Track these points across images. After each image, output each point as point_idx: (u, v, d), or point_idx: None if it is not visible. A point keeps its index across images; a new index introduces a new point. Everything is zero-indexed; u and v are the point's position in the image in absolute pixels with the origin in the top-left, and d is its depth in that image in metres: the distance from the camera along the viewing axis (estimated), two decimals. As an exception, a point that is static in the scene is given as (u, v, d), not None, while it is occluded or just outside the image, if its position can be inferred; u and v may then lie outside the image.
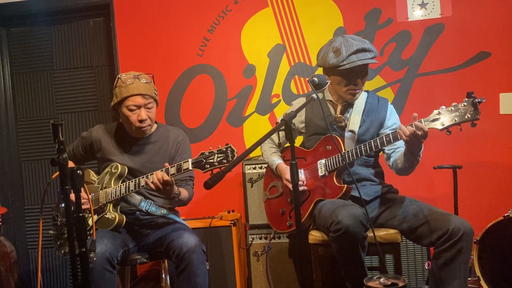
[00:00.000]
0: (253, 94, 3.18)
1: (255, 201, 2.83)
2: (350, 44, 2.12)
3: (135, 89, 2.16)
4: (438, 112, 1.85)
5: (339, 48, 2.13)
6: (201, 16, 3.21)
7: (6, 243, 2.84)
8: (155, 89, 2.27)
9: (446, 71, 2.96)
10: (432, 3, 2.97)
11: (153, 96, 2.23)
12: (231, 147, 1.89)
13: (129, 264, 2.28)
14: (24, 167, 3.53)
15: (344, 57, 2.11)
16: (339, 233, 1.92)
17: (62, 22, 3.46)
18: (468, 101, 1.78)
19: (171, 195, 2.08)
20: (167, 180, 1.97)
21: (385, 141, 2.01)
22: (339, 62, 2.12)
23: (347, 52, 2.11)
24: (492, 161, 2.91)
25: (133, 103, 2.17)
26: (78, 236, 1.45)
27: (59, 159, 1.42)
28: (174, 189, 2.08)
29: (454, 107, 1.82)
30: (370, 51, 2.13)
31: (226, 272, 2.77)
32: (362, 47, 2.12)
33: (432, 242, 1.96)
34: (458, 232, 1.87)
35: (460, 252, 1.88)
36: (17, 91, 3.53)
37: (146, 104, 2.20)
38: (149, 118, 2.23)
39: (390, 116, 2.27)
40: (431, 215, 1.99)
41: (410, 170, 2.12)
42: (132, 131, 2.28)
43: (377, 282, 1.69)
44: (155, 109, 2.27)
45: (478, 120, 1.77)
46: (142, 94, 2.17)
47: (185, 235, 2.09)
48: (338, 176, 2.19)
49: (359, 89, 2.21)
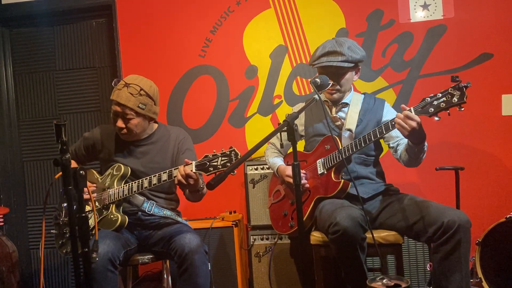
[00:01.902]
0: (255, 95, 3.18)
1: (257, 202, 2.83)
2: (326, 45, 2.22)
3: (116, 96, 2.14)
4: (427, 99, 1.87)
5: (318, 48, 2.24)
6: (203, 17, 3.22)
7: (8, 243, 2.84)
8: (143, 103, 2.14)
9: (448, 73, 2.96)
10: (434, 4, 2.98)
11: (133, 109, 2.12)
12: (235, 150, 1.89)
13: (131, 265, 2.28)
14: (26, 167, 3.53)
15: (315, 57, 2.24)
16: (337, 235, 1.92)
17: (65, 22, 3.47)
18: (454, 86, 1.80)
19: (197, 187, 2.08)
20: (189, 174, 1.97)
21: (378, 132, 2.02)
22: (312, 61, 2.27)
23: (320, 53, 2.22)
24: (494, 163, 2.91)
25: (113, 109, 2.17)
26: (80, 236, 1.46)
27: (62, 159, 1.42)
28: (200, 181, 2.09)
29: (442, 93, 1.84)
30: (342, 54, 2.17)
31: (227, 273, 2.77)
32: (334, 49, 2.18)
33: (430, 237, 1.93)
34: (454, 224, 1.85)
35: (459, 244, 1.85)
36: (20, 91, 3.54)
37: (124, 114, 2.14)
38: (127, 128, 2.17)
39: (386, 114, 2.28)
40: (426, 210, 1.98)
41: (417, 161, 2.10)
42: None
43: (380, 283, 1.69)
44: (137, 121, 2.17)
45: (465, 103, 1.78)
46: (120, 104, 2.13)
47: (187, 235, 2.09)
48: (336, 172, 2.20)
49: (335, 90, 2.25)
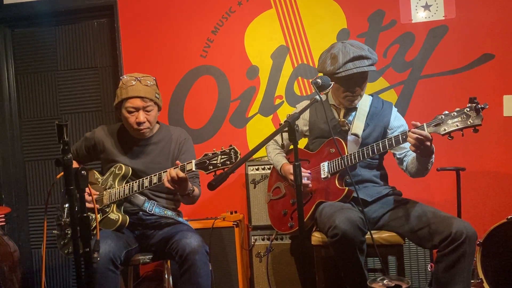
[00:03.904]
0: (256, 95, 3.18)
1: (258, 202, 2.83)
2: (348, 51, 2.11)
3: (134, 91, 2.16)
4: (441, 117, 1.84)
5: (336, 55, 2.13)
6: (205, 18, 3.22)
7: (10, 243, 2.84)
8: (157, 93, 2.24)
9: (450, 73, 2.96)
10: (435, 5, 2.97)
11: (153, 99, 2.20)
12: (234, 148, 1.89)
13: (132, 265, 2.29)
14: (28, 167, 3.54)
15: (340, 65, 2.10)
16: (336, 238, 1.92)
17: (66, 23, 3.48)
18: (471, 106, 1.77)
19: (186, 191, 2.08)
20: (182, 177, 1.97)
21: (387, 144, 2.01)
22: (335, 69, 2.12)
23: (343, 60, 2.10)
24: (495, 163, 2.91)
25: (131, 105, 2.18)
26: (82, 236, 1.46)
27: (64, 160, 1.43)
28: (189, 185, 2.09)
29: (457, 112, 1.81)
30: (367, 58, 2.11)
31: (228, 273, 2.78)
32: (359, 54, 2.10)
33: (435, 245, 1.94)
34: (461, 236, 1.84)
35: (463, 256, 1.85)
36: (21, 91, 3.55)
37: (145, 107, 2.19)
38: (148, 121, 2.22)
39: (394, 119, 2.27)
40: (434, 218, 1.97)
41: (425, 172, 2.09)
42: (132, 132, 2.29)
43: (381, 284, 1.70)
44: (155, 112, 2.26)
45: (481, 126, 1.76)
46: (141, 96, 2.16)
47: (188, 235, 2.10)
48: (340, 178, 2.20)
49: (357, 95, 2.21)
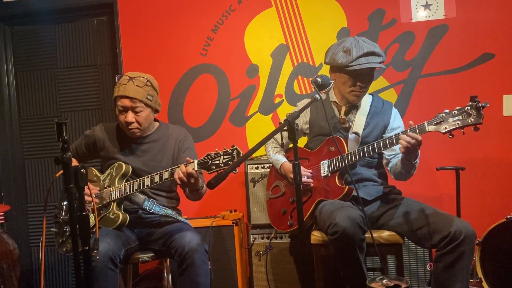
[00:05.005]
0: (256, 94, 3.18)
1: (257, 200, 2.83)
2: (361, 46, 2.13)
3: (125, 91, 2.15)
4: (442, 115, 1.85)
5: (350, 48, 2.13)
6: (205, 16, 3.21)
7: (9, 241, 2.84)
8: (150, 94, 2.19)
9: (450, 72, 2.96)
10: (436, 4, 2.97)
11: (142, 101, 2.16)
12: (237, 149, 1.88)
13: (132, 263, 2.29)
14: (27, 165, 3.54)
15: (354, 58, 2.11)
16: (336, 236, 1.92)
17: (66, 20, 3.47)
18: (471, 105, 1.78)
19: (196, 187, 2.07)
20: (191, 173, 1.97)
21: (388, 143, 2.02)
22: (348, 62, 2.12)
23: (357, 53, 2.11)
24: (495, 163, 2.91)
25: (121, 104, 2.17)
26: (81, 234, 1.46)
27: (63, 158, 1.43)
28: (199, 181, 2.08)
29: (458, 110, 1.82)
30: (379, 55, 2.14)
31: (228, 272, 2.78)
32: (372, 50, 2.12)
33: (434, 244, 1.94)
34: (460, 235, 1.85)
35: (462, 256, 1.86)
36: (21, 89, 3.54)
37: (134, 107, 2.16)
38: (137, 122, 2.20)
39: (394, 119, 2.28)
40: (433, 217, 1.98)
41: (407, 176, 2.14)
42: (125, 130, 2.28)
43: (380, 283, 1.70)
44: (146, 114, 2.20)
45: (481, 124, 1.77)
46: (130, 97, 2.15)
47: (188, 234, 2.10)
48: (340, 177, 2.20)
49: (363, 91, 2.21)
